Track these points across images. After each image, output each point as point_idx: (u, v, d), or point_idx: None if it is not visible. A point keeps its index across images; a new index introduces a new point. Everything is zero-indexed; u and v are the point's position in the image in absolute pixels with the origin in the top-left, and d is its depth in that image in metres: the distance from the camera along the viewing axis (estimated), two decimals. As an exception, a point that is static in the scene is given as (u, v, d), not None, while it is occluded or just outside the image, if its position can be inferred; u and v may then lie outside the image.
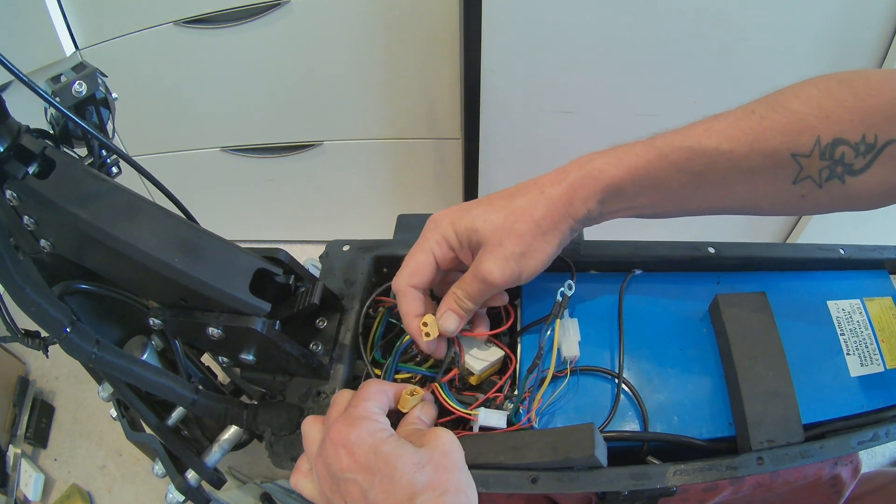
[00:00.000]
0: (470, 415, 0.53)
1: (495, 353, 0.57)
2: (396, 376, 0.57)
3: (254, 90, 1.26)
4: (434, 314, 0.54)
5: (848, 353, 0.59)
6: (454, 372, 0.56)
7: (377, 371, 0.58)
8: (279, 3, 1.10)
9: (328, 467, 0.44)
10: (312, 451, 0.47)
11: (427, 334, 0.53)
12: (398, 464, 0.42)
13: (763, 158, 0.45)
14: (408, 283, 0.53)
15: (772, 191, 0.47)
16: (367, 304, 0.62)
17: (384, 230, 0.69)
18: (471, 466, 0.47)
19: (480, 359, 0.56)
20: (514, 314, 0.60)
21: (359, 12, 1.11)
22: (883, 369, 0.58)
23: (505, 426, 0.52)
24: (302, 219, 1.60)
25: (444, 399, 0.54)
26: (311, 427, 0.49)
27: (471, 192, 1.36)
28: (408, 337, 0.56)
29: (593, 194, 0.49)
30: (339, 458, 0.43)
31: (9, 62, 0.38)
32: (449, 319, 0.53)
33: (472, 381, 0.57)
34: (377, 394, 0.49)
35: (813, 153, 0.44)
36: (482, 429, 0.52)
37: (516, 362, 0.57)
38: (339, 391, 0.52)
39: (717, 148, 0.45)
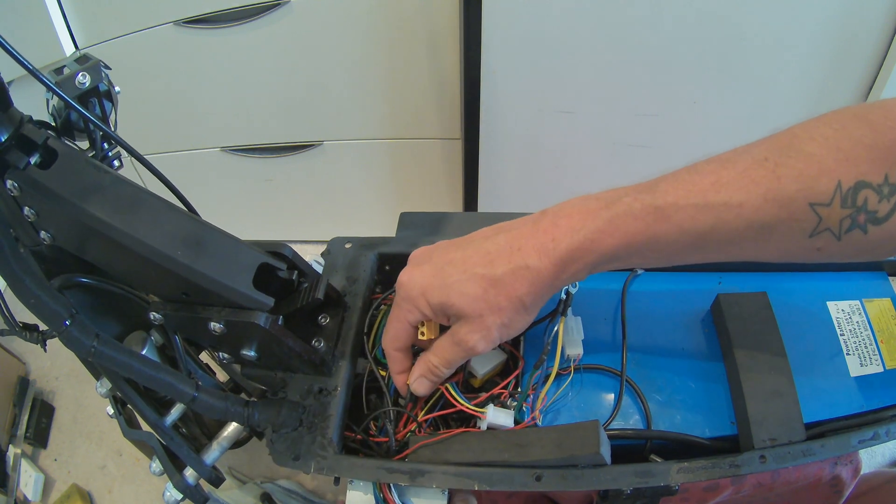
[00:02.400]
0: (478, 411, 0.53)
1: (498, 356, 0.57)
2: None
3: (254, 90, 1.26)
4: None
5: (848, 354, 0.59)
6: (460, 375, 0.56)
7: (381, 372, 0.58)
8: (279, 3, 1.10)
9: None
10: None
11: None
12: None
13: (777, 210, 0.40)
14: (391, 348, 0.53)
15: (784, 245, 0.42)
16: (375, 304, 0.62)
17: (384, 230, 0.69)
18: (475, 464, 0.47)
19: (483, 362, 0.56)
20: None
21: (359, 12, 1.11)
22: (882, 369, 0.58)
23: (512, 426, 0.52)
24: (302, 219, 1.60)
25: (454, 397, 0.54)
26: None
27: (471, 191, 1.36)
28: None
29: (583, 266, 0.44)
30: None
31: (14, 50, 0.38)
32: (422, 385, 0.52)
33: (475, 383, 0.57)
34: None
35: (833, 201, 0.39)
36: (489, 427, 0.52)
37: (522, 363, 0.57)
38: None
39: (727, 202, 0.40)
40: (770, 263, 0.64)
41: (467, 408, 0.53)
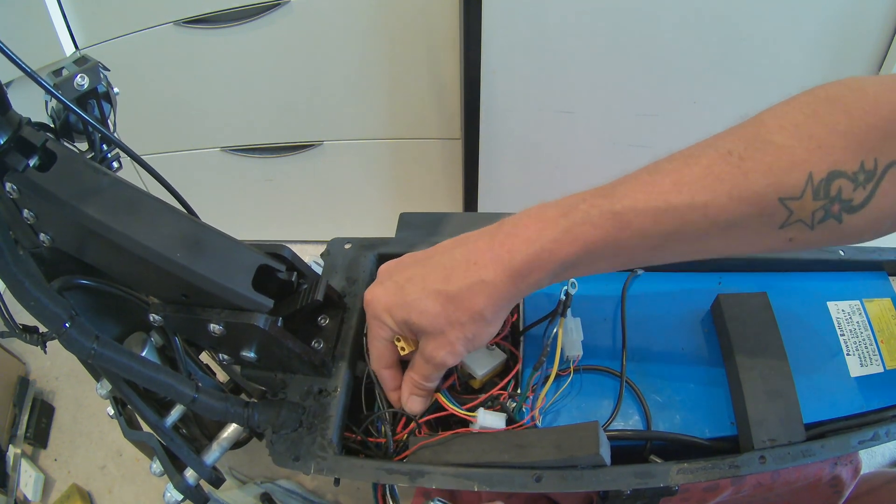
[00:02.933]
0: (468, 416, 0.53)
1: (498, 357, 0.56)
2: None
3: (254, 90, 1.26)
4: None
5: (848, 354, 0.59)
6: (452, 378, 0.56)
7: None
8: (279, 3, 1.10)
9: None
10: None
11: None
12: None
13: (745, 208, 0.37)
14: (379, 367, 0.53)
15: (754, 239, 0.40)
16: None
17: (384, 230, 0.69)
18: (475, 465, 0.47)
19: (483, 363, 0.56)
20: (517, 313, 0.60)
21: (359, 12, 1.11)
22: (882, 370, 0.58)
23: (504, 426, 0.52)
24: (302, 219, 1.60)
25: (444, 403, 0.54)
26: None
27: (471, 191, 1.36)
28: None
29: (543, 276, 0.43)
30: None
31: (13, 53, 0.38)
32: (415, 403, 0.53)
33: (475, 384, 0.57)
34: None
35: (805, 194, 0.37)
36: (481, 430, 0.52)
37: (520, 362, 0.57)
38: None
39: (690, 203, 0.38)
40: (770, 263, 0.64)
41: (457, 412, 0.53)
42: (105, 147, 0.55)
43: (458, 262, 0.45)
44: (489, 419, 0.52)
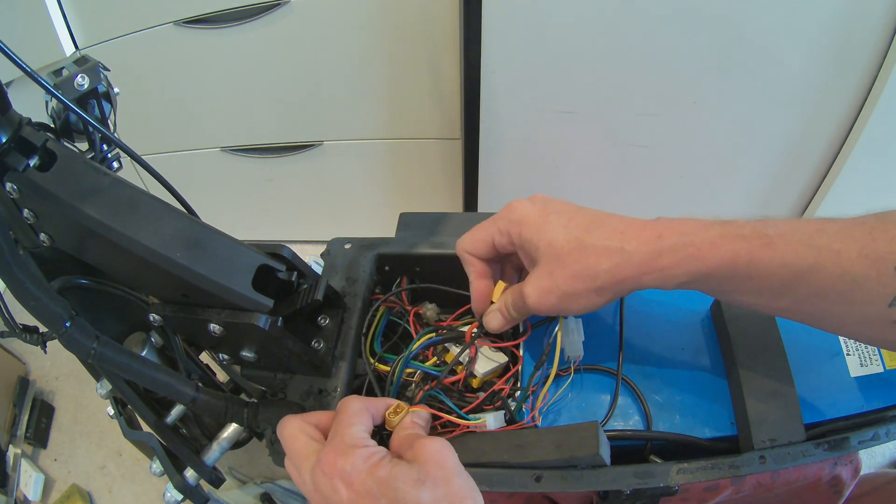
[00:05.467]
0: (470, 423, 0.53)
1: (500, 358, 0.57)
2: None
3: (254, 90, 1.26)
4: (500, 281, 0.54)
5: (848, 354, 0.59)
6: (461, 375, 0.56)
7: (381, 366, 0.58)
8: (279, 3, 1.10)
9: (326, 500, 0.43)
10: (303, 470, 0.45)
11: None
12: (398, 485, 0.41)
13: (868, 267, 0.41)
14: (465, 250, 0.53)
15: (865, 311, 0.43)
16: (386, 300, 0.62)
17: (384, 230, 0.69)
18: (475, 464, 0.47)
19: (483, 363, 0.56)
20: None
21: (359, 12, 1.11)
22: (882, 370, 0.58)
23: (503, 426, 0.52)
24: (302, 219, 1.60)
25: (449, 410, 0.54)
26: (295, 437, 0.47)
27: (471, 191, 1.36)
28: (416, 344, 0.57)
29: (681, 274, 0.44)
30: (337, 492, 0.42)
31: (13, 53, 0.38)
32: (494, 319, 0.53)
33: (474, 383, 0.57)
34: (360, 415, 0.47)
35: None
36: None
37: (521, 362, 0.57)
38: (318, 412, 0.51)
39: (828, 247, 0.42)
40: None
41: (464, 422, 0.53)
42: (105, 147, 0.55)
43: (606, 223, 0.47)
44: (491, 421, 0.52)
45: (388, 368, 0.58)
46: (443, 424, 0.54)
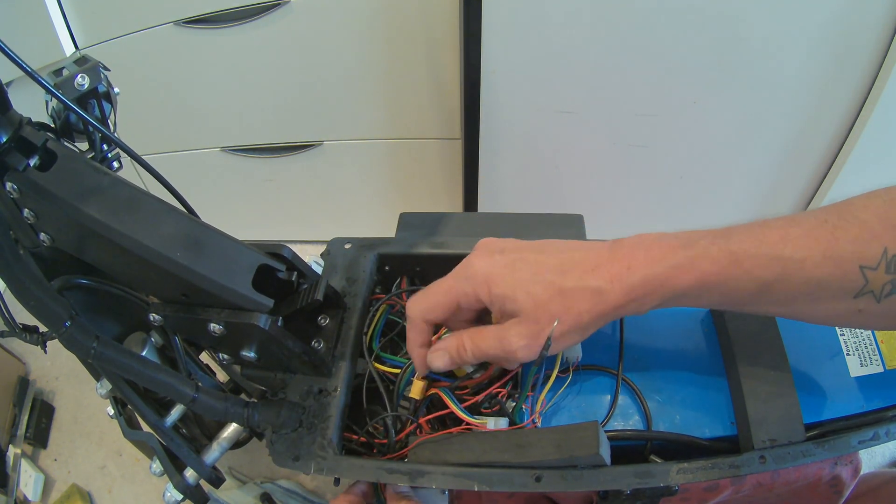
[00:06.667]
0: (477, 423, 0.53)
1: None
2: (396, 371, 0.57)
3: (254, 90, 1.26)
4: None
5: (848, 354, 0.59)
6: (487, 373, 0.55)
7: (381, 367, 0.58)
8: (279, 3, 1.10)
9: None
10: None
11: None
12: None
13: (833, 268, 0.43)
14: (422, 318, 0.51)
15: (831, 307, 0.45)
16: (375, 305, 0.62)
17: (384, 230, 0.69)
18: (475, 464, 0.47)
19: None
20: None
21: (359, 12, 1.11)
22: (882, 370, 0.58)
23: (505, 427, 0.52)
24: (302, 219, 1.60)
25: (455, 409, 0.54)
26: None
27: (471, 191, 1.36)
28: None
29: (654, 300, 0.45)
30: None
31: (13, 53, 0.38)
32: (441, 359, 0.51)
33: (458, 373, 0.56)
34: None
35: (880, 265, 0.43)
36: None
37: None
38: None
39: (792, 256, 0.43)
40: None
41: (472, 423, 0.53)
42: (105, 147, 0.55)
43: (577, 262, 0.47)
44: (491, 425, 0.52)
45: (388, 368, 0.58)
46: (444, 421, 0.55)
